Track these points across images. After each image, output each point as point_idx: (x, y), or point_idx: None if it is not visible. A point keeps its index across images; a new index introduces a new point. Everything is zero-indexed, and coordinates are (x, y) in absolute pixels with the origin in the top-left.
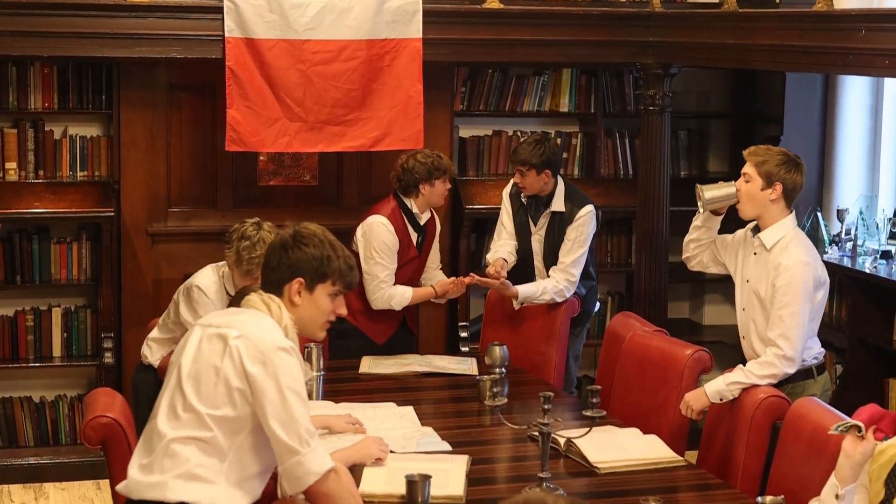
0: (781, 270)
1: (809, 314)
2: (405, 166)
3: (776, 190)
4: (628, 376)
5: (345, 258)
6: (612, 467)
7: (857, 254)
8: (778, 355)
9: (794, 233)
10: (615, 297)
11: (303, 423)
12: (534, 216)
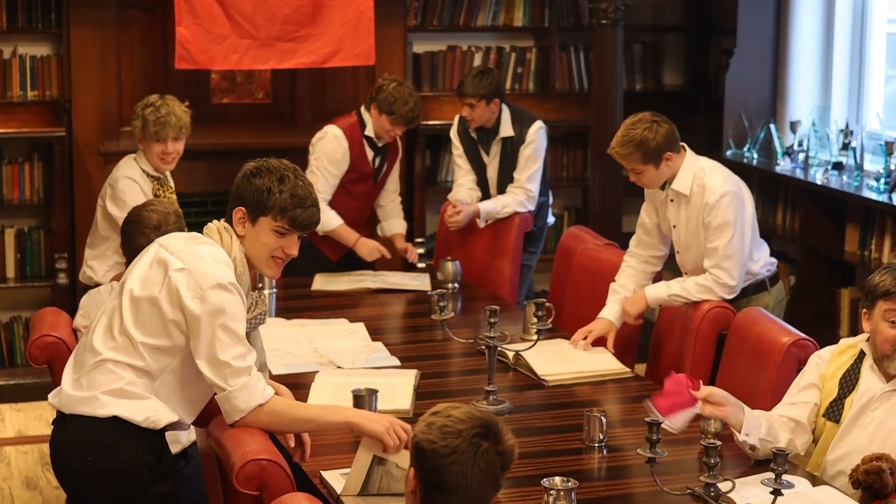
0: (710, 209)
1: (742, 237)
2: (383, 86)
3: (667, 157)
4: (579, 290)
5: (293, 194)
6: (559, 380)
7: (809, 165)
8: (717, 282)
9: (698, 166)
10: (572, 211)
11: (232, 361)
12: (485, 147)
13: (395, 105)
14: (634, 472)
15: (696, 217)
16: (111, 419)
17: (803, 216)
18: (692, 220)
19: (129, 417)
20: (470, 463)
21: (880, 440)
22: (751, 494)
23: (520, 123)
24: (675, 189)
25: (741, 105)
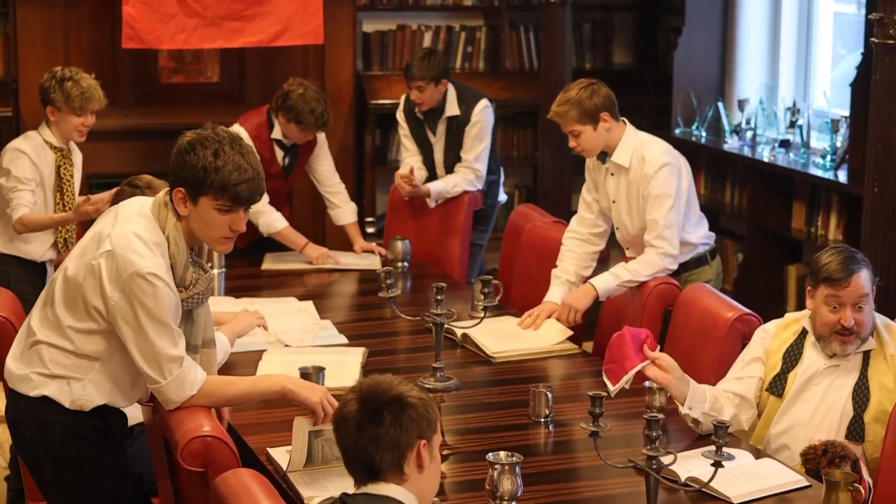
0: (649, 181)
1: (679, 208)
2: (289, 93)
3: (604, 118)
4: (527, 267)
5: (231, 168)
6: (507, 356)
7: (756, 143)
8: (659, 254)
9: (638, 139)
10: (522, 190)
11: (163, 352)
12: (431, 127)
13: (301, 115)
14: (580, 446)
15: (636, 189)
16: (42, 399)
17: (751, 194)
18: (631, 192)
19: (58, 399)
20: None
21: (822, 414)
22: (693, 467)
23: (465, 102)
24: (615, 161)
25: (689, 83)
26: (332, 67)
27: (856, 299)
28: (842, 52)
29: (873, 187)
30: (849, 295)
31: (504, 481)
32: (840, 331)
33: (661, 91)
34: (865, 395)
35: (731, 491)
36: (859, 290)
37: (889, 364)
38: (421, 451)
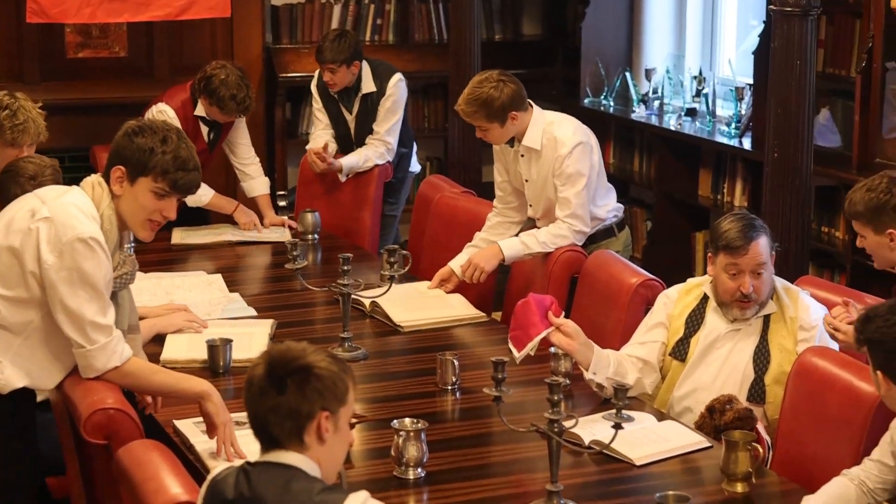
0: (562, 160)
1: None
2: (211, 77)
3: (512, 116)
4: (437, 237)
5: (176, 156)
6: (415, 325)
7: (664, 112)
8: (572, 230)
9: (546, 120)
10: (434, 162)
11: (90, 318)
12: (347, 104)
13: (223, 101)
14: (486, 412)
15: (549, 170)
16: None
17: (658, 162)
18: (544, 172)
19: None
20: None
21: (724, 377)
22: (597, 430)
23: (379, 77)
24: (526, 145)
25: (597, 54)
26: (241, 41)
27: (754, 266)
28: (753, 22)
29: (773, 153)
30: (747, 262)
31: (409, 448)
32: (739, 297)
33: (570, 62)
34: (766, 357)
35: (633, 453)
36: (757, 257)
37: (789, 327)
38: (322, 422)
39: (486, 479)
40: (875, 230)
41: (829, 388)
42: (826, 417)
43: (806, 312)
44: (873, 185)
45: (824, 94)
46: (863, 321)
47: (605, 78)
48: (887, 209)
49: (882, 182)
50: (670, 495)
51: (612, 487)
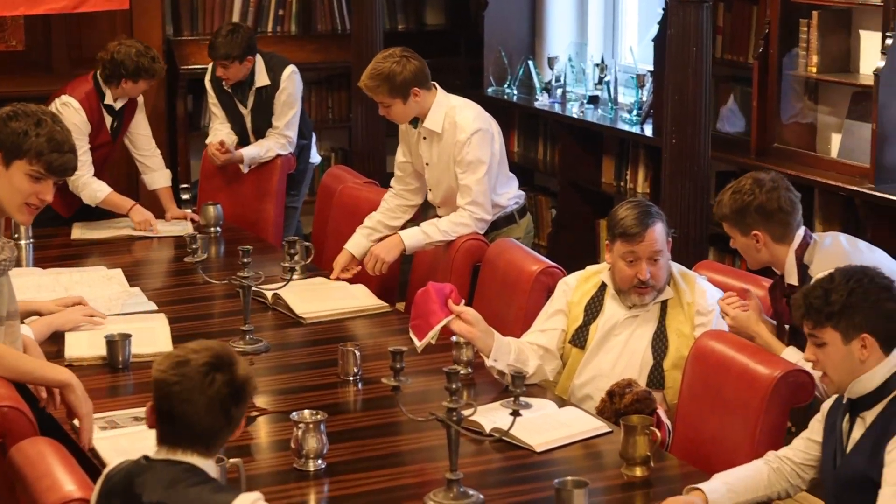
0: (461, 146)
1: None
2: (115, 56)
3: (415, 93)
4: (340, 228)
5: (50, 138)
6: (317, 317)
7: (566, 100)
8: (474, 218)
9: (449, 104)
10: (339, 152)
11: None
12: (241, 98)
13: (140, 68)
14: (388, 402)
15: (448, 154)
16: None
17: (562, 150)
18: (444, 157)
19: None
20: (197, 391)
21: (623, 364)
22: (498, 418)
23: (272, 70)
24: (427, 127)
25: (500, 43)
26: (141, 33)
27: (650, 253)
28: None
29: (671, 139)
30: (644, 249)
31: (309, 440)
32: (637, 284)
33: (474, 51)
34: (664, 343)
35: (533, 439)
36: (653, 244)
37: (686, 312)
38: None
39: (387, 470)
40: (741, 232)
41: (725, 372)
42: (723, 400)
43: (702, 297)
44: (739, 186)
45: (724, 80)
46: (822, 297)
47: (508, 67)
48: (750, 210)
49: (747, 183)
50: (569, 481)
51: (513, 474)
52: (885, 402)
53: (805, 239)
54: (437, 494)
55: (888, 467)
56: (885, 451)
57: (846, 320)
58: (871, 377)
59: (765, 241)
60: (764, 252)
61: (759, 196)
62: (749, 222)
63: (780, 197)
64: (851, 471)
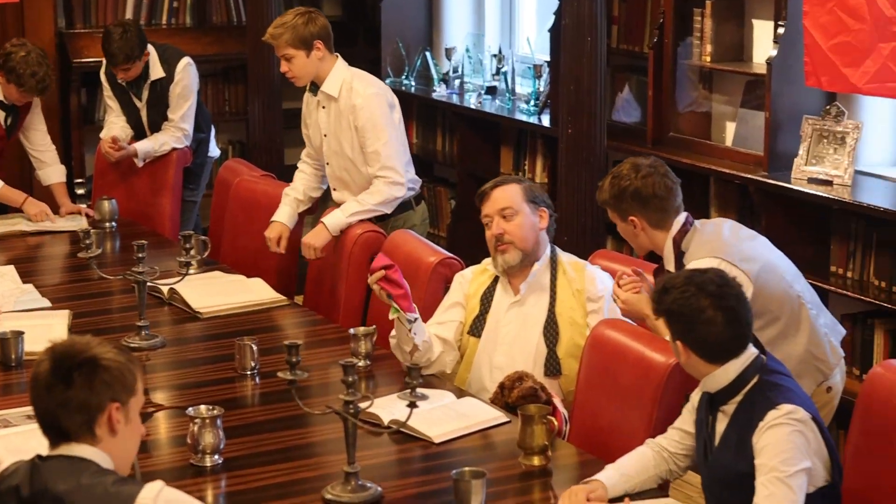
0: (357, 110)
1: (398, 136)
2: (10, 54)
3: (318, 46)
4: (237, 222)
5: None
6: (214, 311)
7: (464, 91)
8: (386, 182)
9: (349, 72)
10: (236, 145)
11: None
12: (136, 92)
13: (23, 78)
14: (285, 396)
15: (346, 120)
16: None
17: (460, 141)
18: (342, 122)
19: None
20: (60, 387)
21: (518, 353)
22: (397, 410)
23: (167, 63)
24: (325, 91)
25: (397, 34)
26: (33, 26)
27: (499, 210)
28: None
29: (567, 128)
30: (492, 207)
31: (205, 435)
32: (496, 244)
33: (371, 42)
34: (555, 331)
35: (432, 431)
36: (501, 201)
37: (577, 299)
38: (113, 413)
39: (284, 464)
40: (621, 217)
41: (621, 360)
42: (619, 388)
43: (592, 284)
44: (618, 171)
45: (620, 70)
46: (660, 293)
47: (405, 58)
48: (626, 196)
49: (624, 168)
50: (467, 471)
51: (411, 466)
52: (743, 395)
53: (685, 225)
54: (334, 487)
55: (759, 457)
56: (752, 442)
57: (670, 324)
58: (725, 372)
59: (642, 226)
60: (643, 237)
61: (635, 181)
62: (626, 207)
63: (656, 182)
64: (723, 466)
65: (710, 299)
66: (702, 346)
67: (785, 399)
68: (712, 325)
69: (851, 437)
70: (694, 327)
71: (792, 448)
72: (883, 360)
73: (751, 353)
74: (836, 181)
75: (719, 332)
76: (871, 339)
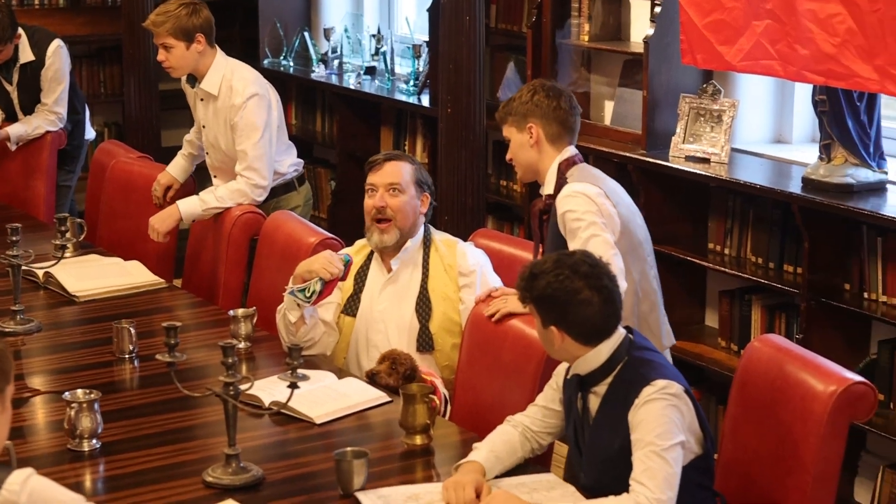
0: (237, 111)
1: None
2: None
3: (199, 39)
4: (113, 204)
5: None
6: (91, 295)
7: (343, 71)
8: (250, 184)
9: (228, 67)
10: (112, 127)
11: None
12: (6, 76)
13: None
14: (165, 379)
15: (224, 117)
16: None
17: (340, 121)
18: (220, 119)
19: None
20: None
21: (392, 330)
22: (278, 392)
23: (37, 46)
24: (204, 89)
25: (275, 14)
26: None
27: (388, 185)
28: None
29: (447, 108)
30: (381, 179)
31: (83, 419)
32: (375, 216)
33: (249, 22)
34: (427, 306)
35: (313, 411)
36: (392, 176)
37: (449, 275)
38: None
39: (164, 447)
40: (519, 127)
41: (502, 338)
42: (500, 366)
43: (463, 259)
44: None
45: (500, 49)
46: (528, 279)
47: (283, 38)
48: (531, 104)
49: (536, 83)
50: (349, 451)
51: (293, 447)
52: (613, 376)
53: (575, 157)
54: (215, 470)
55: (635, 432)
56: (628, 419)
57: (542, 309)
58: (597, 354)
59: (538, 138)
60: (533, 151)
61: (539, 94)
62: (527, 115)
63: (563, 95)
64: (600, 446)
65: (584, 280)
66: (579, 328)
67: (658, 374)
68: (589, 305)
69: (730, 410)
70: (570, 309)
71: (667, 422)
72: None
73: (621, 333)
74: (713, 159)
75: (595, 313)
76: (748, 315)
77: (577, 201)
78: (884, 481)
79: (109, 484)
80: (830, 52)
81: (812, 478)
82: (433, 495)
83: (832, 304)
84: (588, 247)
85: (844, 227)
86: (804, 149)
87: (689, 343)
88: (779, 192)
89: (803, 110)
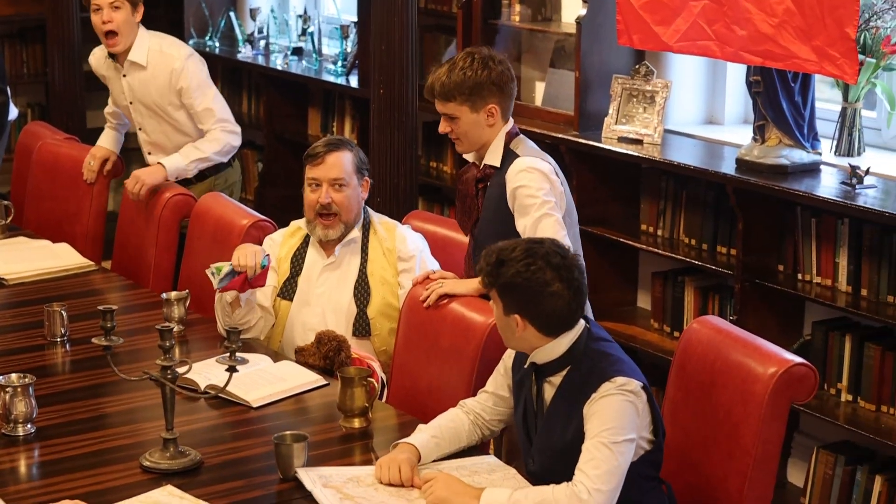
0: (180, 73)
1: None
2: None
3: (139, 8)
4: (40, 186)
5: None
6: (20, 277)
7: (270, 52)
8: (224, 130)
9: (154, 39)
10: (35, 108)
11: None
12: None
13: None
14: (99, 363)
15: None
16: None
17: (267, 102)
18: (151, 88)
19: None
20: None
21: (329, 314)
22: (214, 375)
23: None
24: (132, 60)
25: None
26: None
27: (333, 179)
28: None
29: (379, 89)
30: (324, 173)
31: (17, 404)
32: (320, 210)
33: (174, 3)
34: (366, 291)
35: (250, 395)
36: (334, 170)
37: (388, 258)
38: None
39: (100, 431)
40: (473, 108)
41: (440, 320)
42: (439, 349)
43: (403, 243)
44: (465, 64)
45: (430, 30)
46: (495, 265)
47: (209, 18)
48: (487, 83)
49: (471, 58)
50: (287, 435)
51: (230, 431)
52: (570, 367)
53: (514, 129)
54: (152, 454)
55: (588, 423)
56: (583, 412)
57: (507, 297)
58: (558, 345)
59: (497, 116)
60: (488, 129)
61: (495, 68)
62: (485, 95)
63: (509, 68)
64: (553, 436)
65: (555, 272)
66: (545, 319)
67: (618, 371)
68: (559, 298)
69: (669, 393)
70: (539, 300)
71: (621, 418)
72: (694, 317)
73: (581, 325)
74: (646, 140)
75: (564, 306)
76: (681, 297)
77: (531, 177)
78: (818, 462)
79: (45, 469)
80: (768, 32)
81: (753, 460)
82: (373, 477)
83: (766, 286)
84: (539, 226)
85: (778, 207)
86: (736, 130)
87: (621, 325)
88: (713, 173)
89: (735, 91)
